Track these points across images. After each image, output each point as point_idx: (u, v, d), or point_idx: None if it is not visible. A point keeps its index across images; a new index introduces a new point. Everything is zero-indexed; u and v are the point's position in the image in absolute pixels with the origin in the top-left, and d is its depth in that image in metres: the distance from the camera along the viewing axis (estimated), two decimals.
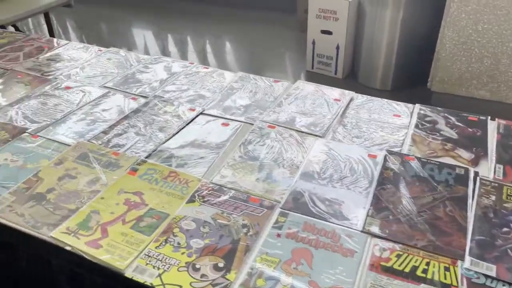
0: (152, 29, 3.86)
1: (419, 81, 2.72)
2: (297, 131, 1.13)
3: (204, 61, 3.28)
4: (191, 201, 0.92)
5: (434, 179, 0.95)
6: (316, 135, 1.11)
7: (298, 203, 0.90)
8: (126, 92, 1.31)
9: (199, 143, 1.10)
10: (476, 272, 0.76)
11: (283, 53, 3.39)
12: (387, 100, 1.25)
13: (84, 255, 0.80)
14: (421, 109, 1.20)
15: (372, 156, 1.03)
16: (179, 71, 1.44)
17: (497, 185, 0.93)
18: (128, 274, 0.76)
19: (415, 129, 1.12)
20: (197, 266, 0.78)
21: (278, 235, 0.83)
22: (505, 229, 0.83)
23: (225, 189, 0.95)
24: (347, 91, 1.29)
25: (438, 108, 1.20)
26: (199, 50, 3.50)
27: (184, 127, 1.16)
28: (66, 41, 1.64)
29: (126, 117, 1.19)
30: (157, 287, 0.74)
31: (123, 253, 0.80)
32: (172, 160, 1.04)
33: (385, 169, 0.98)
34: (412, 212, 0.88)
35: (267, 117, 1.19)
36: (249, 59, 3.29)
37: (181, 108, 1.24)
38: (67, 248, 0.81)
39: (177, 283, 0.75)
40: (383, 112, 1.20)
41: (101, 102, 1.26)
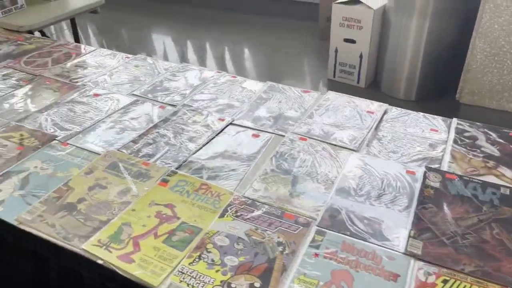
0: (171, 34, 3.88)
1: (445, 92, 2.66)
2: (330, 144, 1.10)
3: (222, 68, 3.28)
4: (224, 215, 0.89)
5: (477, 199, 0.91)
6: (350, 149, 1.08)
7: (335, 221, 0.87)
8: (154, 100, 1.30)
9: (229, 155, 1.08)
10: None
11: (303, 61, 3.36)
12: (423, 113, 1.20)
13: (116, 269, 0.78)
14: (459, 124, 1.16)
15: (410, 172, 0.99)
16: (207, 80, 1.42)
17: None
18: None
19: (454, 145, 1.08)
20: (233, 285, 0.75)
21: (315, 255, 0.80)
22: None
23: (258, 203, 0.92)
24: (381, 103, 1.26)
25: (477, 123, 1.15)
26: (218, 56, 3.50)
27: (213, 137, 1.14)
28: (93, 48, 1.64)
29: (155, 126, 1.18)
30: None
31: (156, 269, 0.78)
32: (203, 171, 1.02)
33: (425, 187, 0.94)
34: (456, 234, 0.83)
35: (298, 128, 1.16)
36: (269, 67, 3.27)
37: (210, 118, 1.22)
38: (99, 261, 0.79)
39: None
40: (419, 126, 1.16)
41: (129, 110, 1.25)
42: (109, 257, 0.80)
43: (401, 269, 0.77)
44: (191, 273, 0.77)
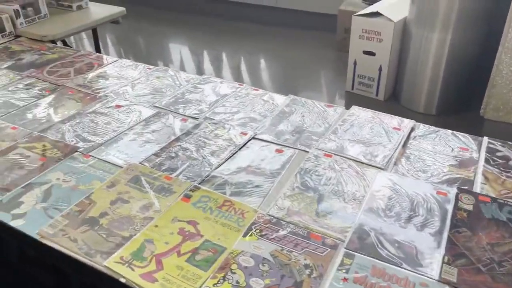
0: (188, 44, 3.90)
1: (467, 106, 2.61)
2: (356, 161, 1.07)
3: (238, 78, 3.28)
4: (248, 234, 0.87)
5: None
6: (377, 167, 1.05)
7: (364, 244, 0.84)
8: (176, 113, 1.29)
9: (253, 170, 1.06)
10: None
11: (320, 72, 3.34)
12: (451, 131, 1.17)
13: None
14: (490, 143, 1.12)
15: (441, 193, 0.95)
16: (228, 92, 1.41)
17: None
18: None
19: (486, 165, 1.04)
20: None
21: (344, 280, 0.77)
22: None
23: (283, 222, 0.90)
24: (407, 120, 1.22)
25: (509, 142, 1.11)
26: (234, 67, 3.50)
27: (236, 152, 1.12)
28: (115, 58, 1.64)
29: (177, 139, 1.16)
30: None
31: None
32: (226, 187, 1.00)
33: (458, 209, 0.90)
34: (493, 261, 0.79)
35: (323, 144, 1.14)
36: (285, 78, 3.25)
37: (233, 131, 1.20)
38: (122, 280, 0.77)
39: None
40: (448, 144, 1.12)
41: (151, 122, 1.24)
42: (132, 276, 0.78)
43: None
44: None
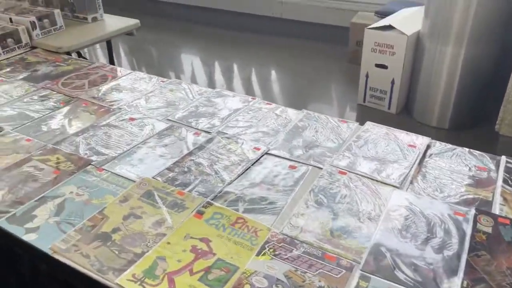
0: (200, 55, 3.93)
1: (480, 121, 2.58)
2: (371, 179, 1.06)
3: (249, 90, 3.28)
4: (261, 253, 0.86)
5: None
6: (392, 185, 1.03)
7: (380, 266, 0.82)
8: (189, 126, 1.29)
9: (266, 186, 1.04)
10: None
11: (331, 84, 3.33)
12: (468, 149, 1.15)
13: None
14: (508, 162, 1.10)
15: (459, 214, 0.93)
16: (241, 106, 1.40)
17: None
18: None
19: (504, 185, 1.02)
20: None
21: None
22: None
23: (297, 242, 0.88)
24: (423, 137, 1.21)
25: None
26: (245, 78, 3.51)
27: (249, 167, 1.11)
28: (129, 71, 1.66)
29: (190, 154, 1.16)
30: None
31: None
32: (238, 204, 0.99)
33: (476, 231, 0.88)
34: None
35: (337, 161, 1.12)
36: (297, 89, 3.25)
37: (246, 146, 1.19)
38: None
39: None
40: (465, 163, 1.10)
41: (165, 135, 1.24)
42: None
43: None
44: None
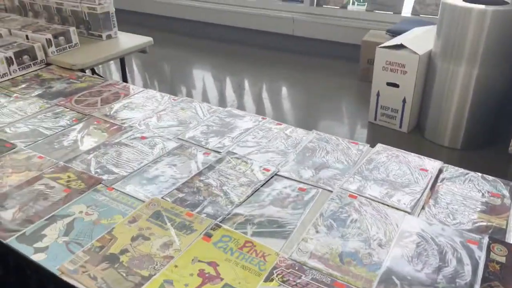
0: (211, 71, 3.97)
1: (493, 141, 2.54)
2: (382, 203, 1.04)
3: (259, 106, 3.29)
4: (269, 279, 0.84)
5: None
6: (404, 211, 1.01)
7: None
8: (199, 146, 1.29)
9: (275, 209, 1.04)
10: None
11: (342, 102, 3.33)
12: (481, 174, 1.13)
13: None
14: None
15: (472, 242, 0.91)
16: (251, 126, 1.41)
17: None
18: None
19: None
20: None
21: None
22: None
23: (306, 268, 0.87)
24: (435, 161, 1.19)
25: None
26: (256, 93, 3.52)
27: (258, 188, 1.11)
28: (141, 88, 1.68)
29: (199, 173, 1.16)
30: None
31: None
32: (247, 226, 0.98)
33: (490, 261, 0.86)
34: None
35: (347, 184, 1.11)
36: (307, 107, 3.25)
37: (255, 167, 1.19)
38: None
39: None
40: (478, 188, 1.08)
41: (175, 155, 1.24)
42: None
43: None
44: None
